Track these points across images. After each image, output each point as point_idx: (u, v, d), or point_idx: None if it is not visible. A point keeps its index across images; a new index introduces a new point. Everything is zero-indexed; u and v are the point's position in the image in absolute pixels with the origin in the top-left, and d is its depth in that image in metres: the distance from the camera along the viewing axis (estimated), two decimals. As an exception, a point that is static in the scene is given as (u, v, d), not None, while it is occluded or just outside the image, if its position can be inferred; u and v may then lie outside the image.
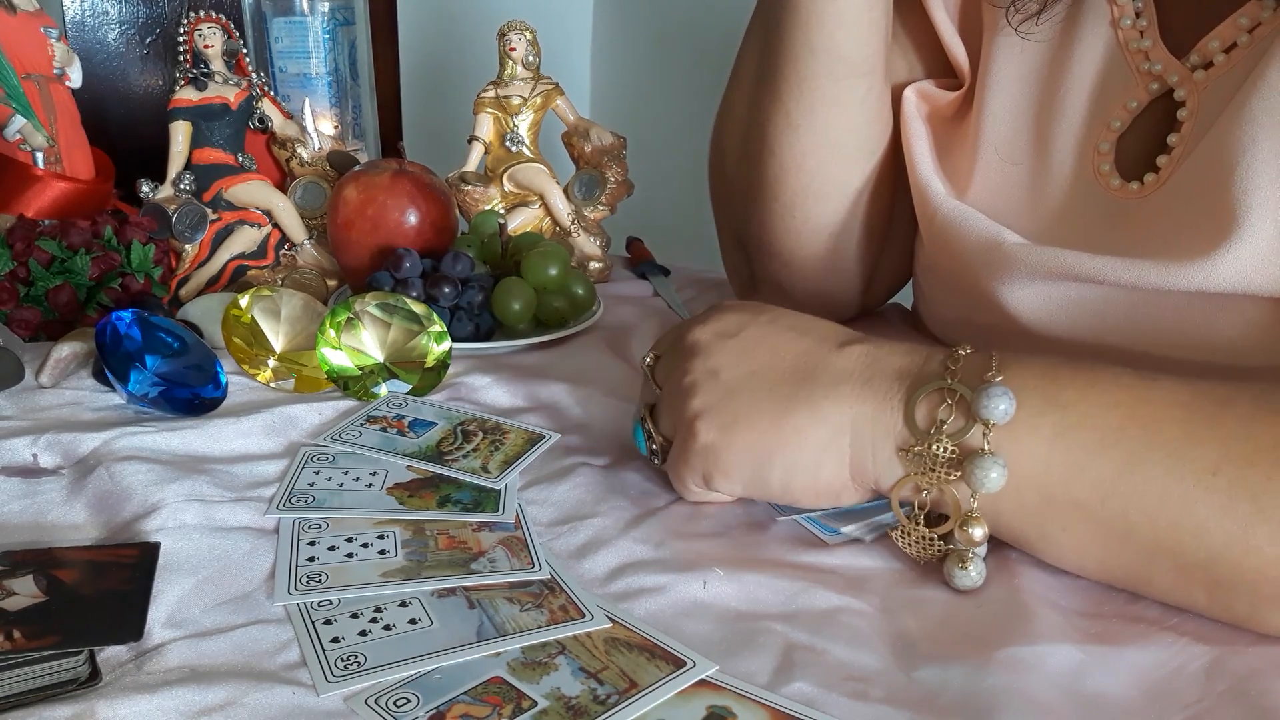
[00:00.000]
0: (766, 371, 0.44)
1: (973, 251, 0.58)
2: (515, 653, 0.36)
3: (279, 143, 0.80)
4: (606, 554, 0.44)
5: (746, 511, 0.48)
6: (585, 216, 0.86)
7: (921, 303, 0.72)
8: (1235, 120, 0.48)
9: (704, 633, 0.38)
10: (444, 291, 0.65)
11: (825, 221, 0.65)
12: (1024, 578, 0.42)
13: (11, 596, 0.37)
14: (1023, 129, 0.60)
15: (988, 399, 0.39)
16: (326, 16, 0.88)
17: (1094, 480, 0.39)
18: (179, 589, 0.39)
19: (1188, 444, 0.38)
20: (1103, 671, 0.37)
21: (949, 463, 0.40)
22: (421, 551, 0.43)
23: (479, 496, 0.48)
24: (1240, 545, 0.36)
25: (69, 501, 0.46)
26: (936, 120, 0.65)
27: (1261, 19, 0.51)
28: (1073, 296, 0.55)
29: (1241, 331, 0.50)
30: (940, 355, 0.43)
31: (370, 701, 0.34)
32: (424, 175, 0.72)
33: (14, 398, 0.55)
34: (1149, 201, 0.54)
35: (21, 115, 0.71)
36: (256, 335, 0.61)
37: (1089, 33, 0.57)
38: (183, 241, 0.73)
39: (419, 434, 0.54)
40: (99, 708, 0.32)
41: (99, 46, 1.07)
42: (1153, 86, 0.55)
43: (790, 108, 0.61)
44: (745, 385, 0.44)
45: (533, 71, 0.84)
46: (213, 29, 0.74)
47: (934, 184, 0.61)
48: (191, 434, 0.52)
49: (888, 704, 0.35)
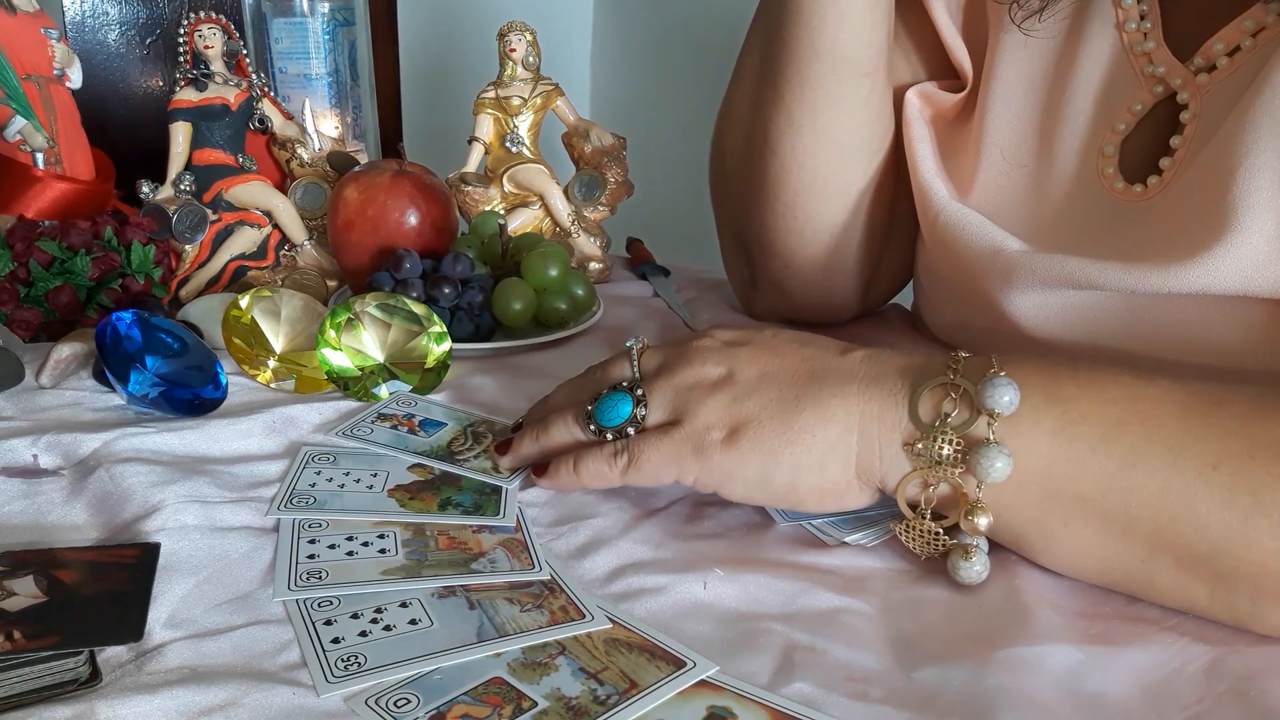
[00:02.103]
0: (775, 376, 0.44)
1: (974, 256, 0.58)
2: (515, 653, 0.36)
3: (279, 143, 0.80)
4: (606, 554, 0.44)
5: (746, 512, 0.48)
6: (585, 217, 0.86)
7: (922, 304, 0.72)
8: (1239, 123, 0.49)
9: (704, 633, 0.38)
10: (444, 292, 0.65)
11: (826, 221, 0.65)
12: (1024, 578, 0.42)
13: (12, 597, 0.37)
14: (1027, 131, 0.60)
15: (992, 389, 0.40)
16: (326, 17, 0.89)
17: (1095, 475, 0.39)
18: (179, 589, 0.39)
19: (1187, 439, 0.38)
20: (1103, 672, 0.37)
21: (954, 456, 0.40)
22: (422, 551, 0.43)
23: (480, 500, 0.48)
24: (1241, 539, 0.36)
25: (69, 502, 0.46)
26: (939, 122, 0.65)
27: (1266, 23, 0.51)
28: (1073, 302, 0.55)
29: (1240, 334, 0.50)
30: (941, 357, 0.43)
31: (370, 702, 0.34)
32: (424, 176, 0.72)
33: (14, 398, 0.55)
34: (1152, 204, 0.54)
35: (22, 116, 0.71)
36: (256, 336, 0.61)
37: (1093, 35, 0.57)
38: (183, 242, 0.73)
39: (430, 433, 0.54)
40: (99, 708, 0.32)
41: (99, 47, 1.07)
42: (1156, 89, 0.55)
43: (792, 107, 0.62)
44: (756, 387, 0.44)
45: (533, 72, 0.84)
46: (213, 30, 0.74)
47: (936, 186, 0.62)
48: (191, 434, 0.52)
49: (888, 704, 0.35)
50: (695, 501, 0.49)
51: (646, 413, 0.46)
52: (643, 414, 0.46)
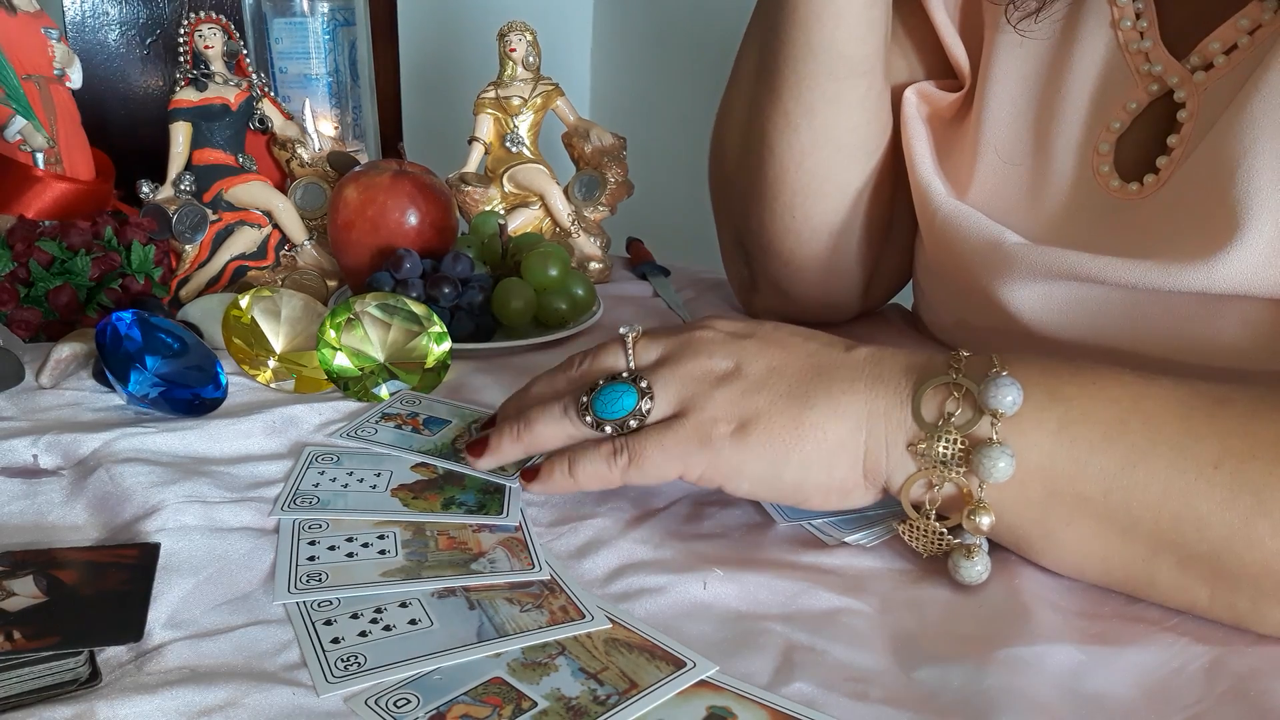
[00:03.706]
0: (784, 370, 0.44)
1: (973, 252, 0.58)
2: (515, 653, 0.36)
3: (279, 143, 0.80)
4: (606, 554, 0.44)
5: (746, 512, 0.48)
6: (585, 217, 0.86)
7: (922, 303, 0.72)
8: (1236, 122, 0.49)
9: (704, 633, 0.38)
10: (444, 292, 0.65)
11: (825, 221, 0.65)
12: (1024, 578, 0.42)
13: (11, 597, 0.37)
14: (1023, 130, 0.60)
15: (995, 389, 0.40)
16: (326, 17, 0.89)
17: (1097, 473, 0.39)
18: (179, 590, 0.39)
19: (1189, 439, 0.38)
20: (1103, 671, 0.37)
21: (957, 456, 0.40)
22: (421, 551, 0.43)
23: (483, 499, 0.48)
24: (1242, 539, 0.36)
25: (69, 502, 0.46)
26: (937, 121, 0.65)
27: (1262, 21, 0.51)
28: (1073, 297, 0.55)
29: (1241, 333, 0.50)
30: (942, 357, 0.43)
31: (370, 702, 0.34)
32: (424, 176, 0.72)
33: (14, 398, 0.55)
34: (1148, 203, 0.54)
35: (22, 116, 0.71)
36: (256, 336, 0.61)
37: (1089, 34, 0.57)
38: (183, 242, 0.73)
39: (434, 431, 0.54)
40: (99, 708, 0.32)
41: (99, 47, 1.07)
42: (1152, 88, 0.55)
43: (789, 107, 0.62)
44: (766, 381, 0.43)
45: (533, 72, 0.84)
46: (213, 30, 0.74)
47: (935, 184, 0.61)
48: (191, 435, 0.52)
49: (888, 704, 0.35)
50: (695, 501, 0.49)
51: (652, 405, 0.44)
52: (648, 406, 0.44)
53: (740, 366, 0.44)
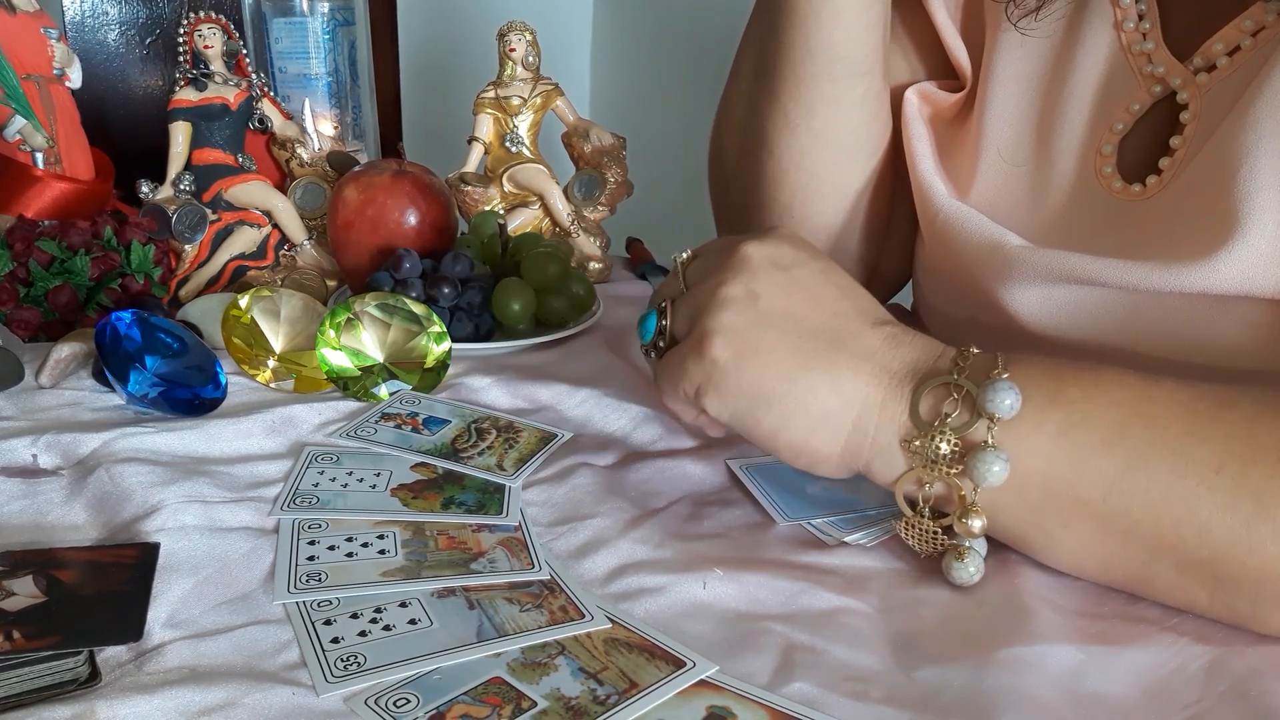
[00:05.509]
0: (802, 318, 0.44)
1: (974, 253, 0.58)
2: (515, 653, 0.36)
3: (279, 143, 0.80)
4: (606, 554, 0.44)
5: (746, 512, 0.48)
6: (585, 217, 0.86)
7: (922, 303, 0.72)
8: (1238, 123, 0.48)
9: (704, 633, 0.38)
10: (444, 292, 0.65)
11: (824, 221, 0.65)
12: (1024, 578, 0.42)
13: (11, 597, 0.37)
14: (1025, 131, 0.60)
15: (994, 393, 0.40)
16: (326, 17, 0.88)
17: (1097, 477, 0.39)
18: (179, 589, 0.39)
19: (1191, 442, 0.38)
20: (1103, 671, 0.37)
21: (951, 457, 0.40)
22: (421, 552, 0.43)
23: (483, 499, 0.48)
24: (1243, 543, 0.36)
25: (69, 502, 0.46)
26: (938, 121, 0.65)
27: (1266, 23, 0.51)
28: (1074, 298, 0.55)
29: (1243, 334, 0.50)
30: (952, 353, 0.43)
31: (370, 702, 0.34)
32: (424, 175, 0.72)
33: (14, 398, 0.55)
34: (1151, 204, 0.54)
35: (21, 116, 0.71)
36: (256, 336, 0.61)
37: (1091, 35, 0.57)
38: (182, 242, 0.73)
39: (433, 431, 0.54)
40: (99, 708, 0.32)
41: (99, 47, 1.07)
42: (1155, 89, 0.55)
43: (788, 107, 0.61)
44: (778, 322, 0.44)
45: (532, 72, 0.84)
46: (212, 29, 0.74)
47: (936, 185, 0.61)
48: (191, 434, 0.52)
49: (888, 704, 0.35)
50: (695, 501, 0.49)
51: (668, 326, 0.47)
52: (665, 326, 0.47)
53: (758, 298, 0.44)
